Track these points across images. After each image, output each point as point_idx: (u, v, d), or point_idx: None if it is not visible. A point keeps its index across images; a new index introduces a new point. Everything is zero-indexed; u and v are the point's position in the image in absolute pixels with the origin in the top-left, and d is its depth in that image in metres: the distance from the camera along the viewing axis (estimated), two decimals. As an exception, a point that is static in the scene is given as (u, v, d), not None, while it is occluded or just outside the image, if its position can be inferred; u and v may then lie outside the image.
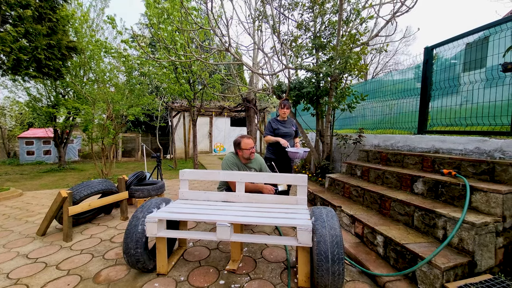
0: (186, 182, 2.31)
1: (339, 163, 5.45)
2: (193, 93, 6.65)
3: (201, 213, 1.87)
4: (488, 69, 2.75)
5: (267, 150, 3.28)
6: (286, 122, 3.30)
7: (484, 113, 2.76)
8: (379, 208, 2.64)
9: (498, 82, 2.64)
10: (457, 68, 3.11)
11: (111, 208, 3.32)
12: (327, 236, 1.56)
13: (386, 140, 3.99)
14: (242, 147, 2.50)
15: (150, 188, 3.62)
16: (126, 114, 6.34)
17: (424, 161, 2.84)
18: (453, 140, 2.93)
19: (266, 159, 3.21)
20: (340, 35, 3.90)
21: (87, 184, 2.82)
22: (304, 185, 2.12)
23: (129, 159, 11.61)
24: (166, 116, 11.11)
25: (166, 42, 4.14)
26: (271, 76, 4.85)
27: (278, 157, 3.19)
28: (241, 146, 2.50)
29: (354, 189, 3.11)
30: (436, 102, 3.36)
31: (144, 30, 13.85)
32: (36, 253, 2.31)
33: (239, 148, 2.54)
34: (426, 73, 3.39)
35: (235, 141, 2.57)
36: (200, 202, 2.23)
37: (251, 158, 2.59)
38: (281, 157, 3.17)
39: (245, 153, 2.51)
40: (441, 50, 3.28)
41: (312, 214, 1.78)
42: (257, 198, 2.21)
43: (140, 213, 1.86)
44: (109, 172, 6.20)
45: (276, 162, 3.14)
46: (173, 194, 4.52)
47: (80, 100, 6.29)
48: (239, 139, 2.54)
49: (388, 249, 2.02)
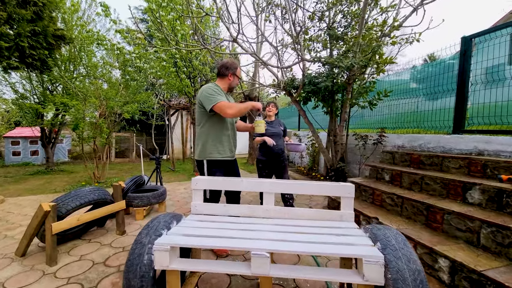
0: (200, 193, 1.87)
1: (353, 165, 5.07)
2: (193, 89, 6.17)
3: (226, 236, 1.43)
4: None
5: (259, 152, 3.19)
6: (274, 122, 3.20)
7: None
8: (426, 220, 2.25)
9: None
10: (500, 60, 2.74)
11: (105, 220, 2.84)
12: (405, 272, 1.15)
13: (413, 140, 3.62)
14: (238, 74, 2.21)
15: (150, 196, 3.15)
16: (121, 111, 5.81)
17: (472, 164, 2.46)
18: (501, 141, 2.57)
19: (257, 161, 3.16)
20: (363, 23, 3.50)
21: (75, 193, 2.34)
22: (351, 197, 1.71)
23: (123, 160, 11.01)
24: (162, 115, 10.57)
25: (166, 30, 3.67)
26: (283, 70, 4.42)
27: (269, 158, 3.06)
28: (238, 73, 2.21)
29: (388, 196, 2.72)
30: (474, 98, 3.01)
31: (139, 24, 13.23)
32: (14, 282, 1.84)
33: (232, 72, 2.17)
34: (464, 66, 3.03)
35: (231, 64, 2.18)
36: (218, 218, 1.79)
37: (232, 91, 2.33)
38: (272, 158, 3.05)
39: (236, 81, 2.22)
40: (481, 41, 2.92)
41: (373, 237, 1.37)
42: (290, 213, 1.79)
43: (146, 237, 1.41)
44: (101, 175, 5.67)
45: (267, 163, 3.06)
46: (175, 201, 4.05)
47: (70, 96, 5.73)
48: (235, 63, 2.21)
49: (458, 277, 1.63)
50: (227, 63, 2.18)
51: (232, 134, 2.27)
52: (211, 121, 2.12)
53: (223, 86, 2.19)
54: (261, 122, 2.24)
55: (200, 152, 2.16)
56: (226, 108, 1.95)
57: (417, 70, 4.43)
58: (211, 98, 1.98)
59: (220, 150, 2.14)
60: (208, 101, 1.99)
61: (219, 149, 2.14)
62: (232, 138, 2.26)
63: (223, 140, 2.16)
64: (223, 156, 2.16)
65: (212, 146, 2.13)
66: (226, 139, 2.19)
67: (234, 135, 2.30)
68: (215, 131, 2.14)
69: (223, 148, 2.17)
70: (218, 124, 2.14)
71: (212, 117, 2.10)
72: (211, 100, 1.98)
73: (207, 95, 2.00)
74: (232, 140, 2.27)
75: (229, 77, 2.18)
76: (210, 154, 2.12)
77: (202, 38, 5.30)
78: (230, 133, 2.23)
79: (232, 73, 2.18)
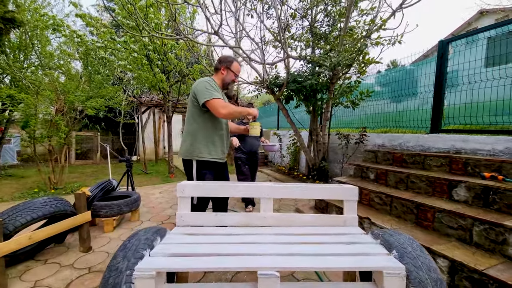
0: (188, 201, 1.61)
1: (334, 164, 5.12)
2: (168, 85, 5.71)
3: (223, 253, 1.21)
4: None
5: (236, 151, 3.45)
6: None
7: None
8: (416, 219, 2.26)
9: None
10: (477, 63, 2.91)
11: (64, 235, 2.39)
12: (428, 283, 1.05)
13: (393, 139, 3.73)
14: (233, 68, 1.98)
15: (121, 203, 2.76)
16: (83, 107, 5.13)
17: (453, 163, 2.55)
18: (477, 140, 2.71)
19: (236, 159, 3.47)
20: (348, 22, 3.50)
21: (25, 206, 1.90)
22: (354, 200, 1.60)
23: (85, 162, 9.92)
24: (132, 112, 9.74)
25: (139, 15, 3.25)
26: (266, 67, 4.26)
27: (249, 156, 3.46)
28: (233, 67, 1.98)
29: (377, 195, 2.71)
30: (451, 99, 3.17)
31: (103, 13, 12.06)
32: None
33: (225, 66, 1.97)
34: (441, 69, 3.17)
35: (225, 58, 2.01)
36: (209, 229, 1.56)
37: (228, 88, 2.16)
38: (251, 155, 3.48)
39: (230, 76, 1.99)
40: (457, 44, 3.08)
41: (386, 244, 1.26)
42: (290, 220, 1.62)
43: (123, 262, 1.13)
44: (59, 179, 4.95)
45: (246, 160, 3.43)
46: (150, 207, 3.66)
47: (18, 88, 4.89)
48: (231, 57, 2.04)
49: (459, 277, 1.61)
50: (221, 56, 2.03)
51: (226, 135, 2.06)
52: (204, 118, 1.89)
53: (218, 81, 2.00)
54: (257, 124, 2.15)
55: (188, 150, 1.90)
56: (219, 107, 1.76)
57: (381, 75, 4.70)
58: (206, 93, 1.78)
59: (211, 150, 1.91)
60: (202, 94, 1.79)
61: (211, 150, 1.91)
62: (225, 138, 2.05)
63: (215, 140, 1.94)
64: (214, 158, 1.93)
65: (203, 146, 1.89)
66: (219, 139, 1.97)
67: (227, 136, 2.10)
68: (208, 130, 1.90)
69: (215, 149, 1.94)
70: (212, 122, 1.92)
71: (206, 113, 1.86)
72: (205, 94, 1.78)
73: (203, 88, 1.81)
74: (226, 141, 2.06)
75: (222, 70, 1.98)
76: (200, 154, 1.88)
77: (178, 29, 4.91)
78: (223, 133, 2.02)
79: (225, 66, 1.97)
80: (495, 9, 10.50)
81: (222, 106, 1.77)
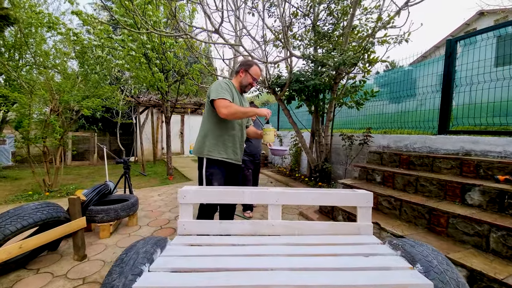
0: (189, 208, 1.50)
1: (337, 166, 5.03)
2: (167, 84, 5.59)
3: (231, 268, 1.10)
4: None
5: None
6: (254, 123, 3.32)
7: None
8: (428, 224, 2.17)
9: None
10: (486, 62, 2.83)
11: (58, 242, 2.27)
12: (460, 303, 0.95)
13: (399, 140, 3.64)
14: (251, 72, 1.93)
15: (118, 208, 2.63)
16: (79, 107, 4.99)
17: (464, 165, 2.46)
18: (488, 141, 2.63)
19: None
20: (353, 20, 3.40)
21: (15, 213, 1.77)
22: (369, 207, 1.50)
23: (82, 163, 9.75)
24: (129, 112, 9.59)
25: (137, 11, 3.13)
26: (268, 66, 4.16)
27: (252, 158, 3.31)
28: (251, 70, 1.94)
29: (385, 199, 2.61)
30: (459, 99, 3.08)
31: (100, 11, 11.90)
32: None
33: (244, 69, 1.94)
34: (449, 68, 3.09)
35: (245, 61, 2.02)
36: (213, 239, 1.45)
37: (246, 91, 2.11)
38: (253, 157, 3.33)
39: (247, 79, 1.95)
40: (466, 43, 3.00)
41: (408, 256, 1.16)
42: (300, 228, 1.51)
43: (119, 279, 1.01)
44: (54, 181, 4.80)
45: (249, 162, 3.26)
46: (148, 211, 3.53)
47: (12, 87, 4.74)
48: (251, 61, 2.03)
49: (478, 287, 1.52)
50: (242, 60, 2.08)
51: (239, 136, 2.00)
52: (216, 117, 1.87)
53: (236, 84, 2.03)
54: (270, 130, 1.94)
55: (200, 148, 1.92)
56: (221, 106, 1.73)
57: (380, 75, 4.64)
58: (215, 93, 1.79)
59: (220, 150, 1.89)
60: (211, 93, 1.81)
61: (220, 149, 1.88)
62: (239, 140, 1.99)
63: (225, 140, 1.91)
64: (223, 157, 1.89)
65: (213, 145, 1.88)
66: (230, 140, 1.93)
67: (241, 137, 2.03)
68: (218, 129, 1.89)
69: (225, 149, 1.90)
70: (224, 122, 1.89)
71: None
72: (213, 94, 1.79)
73: (215, 88, 1.84)
74: (239, 142, 2.00)
75: (240, 73, 1.98)
76: (209, 152, 1.87)
77: (177, 27, 4.79)
78: (236, 133, 1.97)
79: (244, 69, 1.98)
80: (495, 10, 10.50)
81: (224, 106, 1.74)
